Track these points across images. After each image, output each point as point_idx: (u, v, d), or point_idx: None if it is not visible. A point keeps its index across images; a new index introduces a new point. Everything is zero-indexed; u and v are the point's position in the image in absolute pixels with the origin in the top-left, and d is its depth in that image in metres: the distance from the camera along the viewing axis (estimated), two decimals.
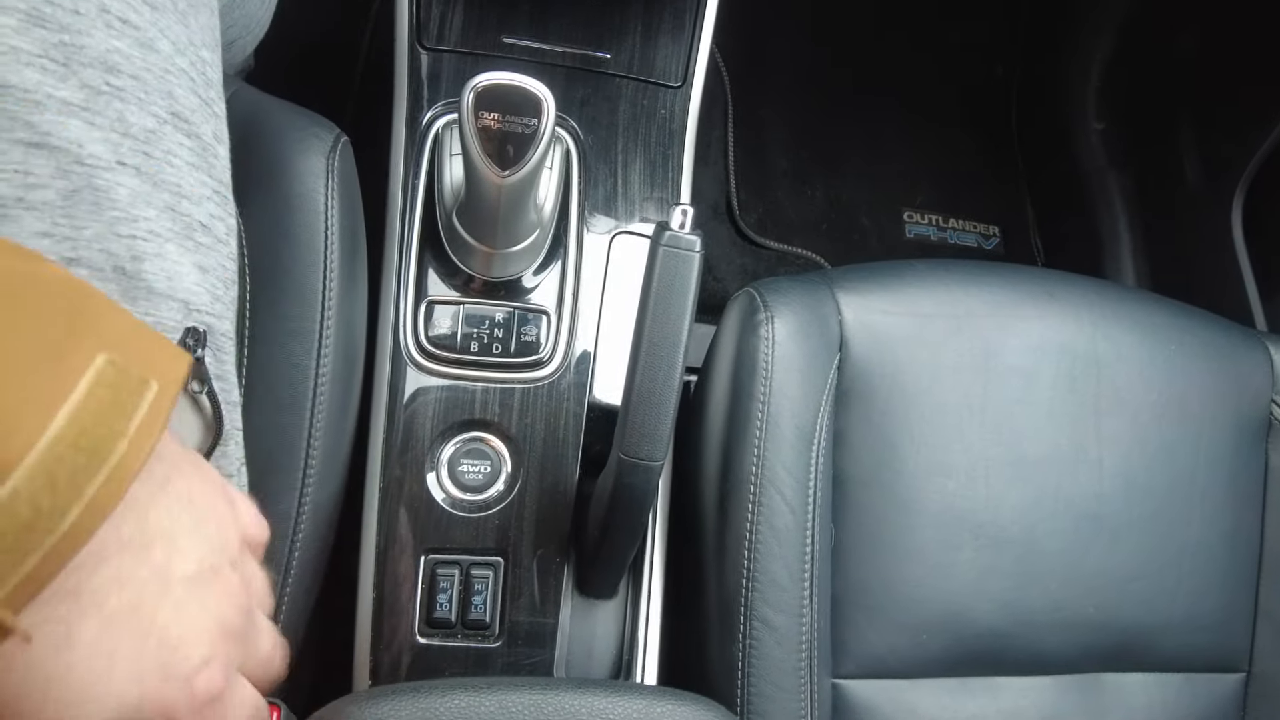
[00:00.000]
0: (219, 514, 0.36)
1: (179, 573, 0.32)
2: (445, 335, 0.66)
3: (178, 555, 0.32)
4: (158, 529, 0.32)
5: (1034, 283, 0.76)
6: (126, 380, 0.30)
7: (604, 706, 0.40)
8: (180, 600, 0.32)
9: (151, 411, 0.31)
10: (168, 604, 0.31)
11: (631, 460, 0.54)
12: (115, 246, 0.42)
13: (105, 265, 0.42)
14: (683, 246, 0.52)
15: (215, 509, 0.36)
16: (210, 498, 0.36)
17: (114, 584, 0.30)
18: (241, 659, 0.35)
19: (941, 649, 0.68)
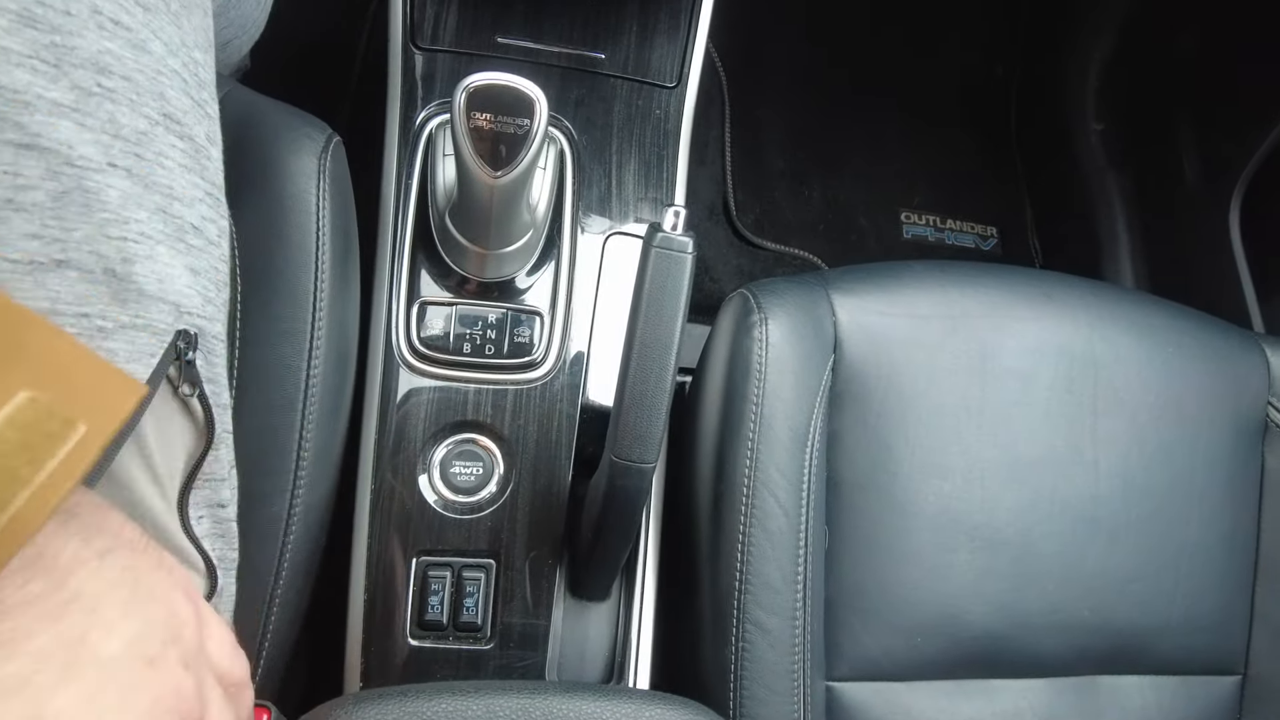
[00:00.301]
0: (174, 607, 0.31)
1: (99, 651, 0.26)
2: (438, 336, 0.66)
3: (100, 630, 0.26)
4: (79, 594, 0.27)
5: (1031, 284, 0.75)
6: (46, 421, 0.27)
7: (592, 711, 0.40)
8: (92, 687, 0.26)
9: (70, 458, 0.27)
10: (73, 688, 0.25)
11: (623, 462, 0.54)
12: (105, 249, 0.42)
13: (95, 267, 0.42)
14: (675, 248, 0.51)
15: (170, 600, 0.31)
16: (165, 587, 0.31)
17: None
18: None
19: (937, 651, 0.67)
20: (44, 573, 0.28)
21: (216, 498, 0.51)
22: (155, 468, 0.47)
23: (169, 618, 0.31)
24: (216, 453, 0.50)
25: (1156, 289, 1.22)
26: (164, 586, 0.31)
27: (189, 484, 0.49)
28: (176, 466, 0.48)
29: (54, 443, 0.27)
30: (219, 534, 0.52)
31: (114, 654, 0.27)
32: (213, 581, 0.51)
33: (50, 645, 0.26)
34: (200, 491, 0.50)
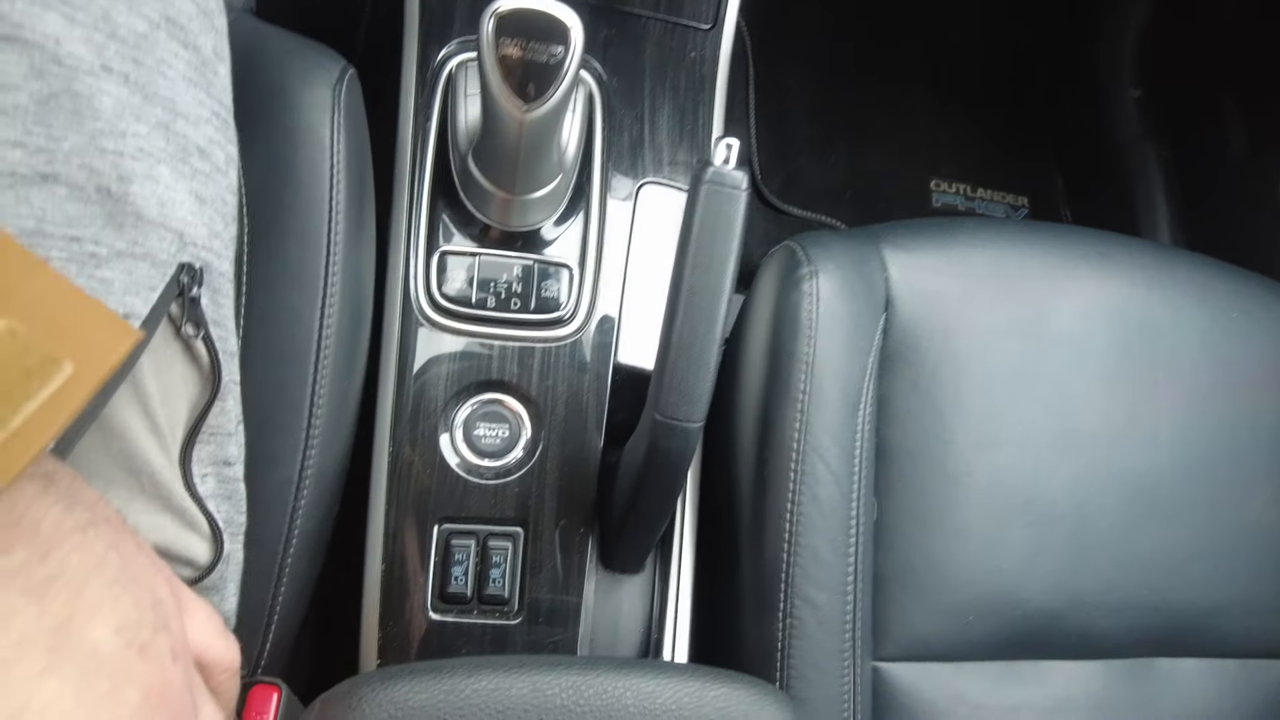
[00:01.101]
0: (159, 592, 0.27)
1: (86, 637, 0.23)
2: (459, 289, 0.61)
3: (86, 613, 0.23)
4: (62, 570, 0.24)
5: (1088, 244, 0.71)
6: (25, 356, 0.23)
7: (651, 690, 0.35)
8: (81, 677, 0.23)
9: (54, 402, 0.23)
10: (60, 678, 0.22)
11: (668, 421, 0.49)
12: (99, 163, 0.37)
13: (87, 184, 0.37)
14: (727, 184, 0.46)
15: (154, 584, 0.27)
16: (149, 571, 0.27)
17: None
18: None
19: (988, 631, 0.63)
20: (25, 541, 0.24)
21: (223, 454, 0.47)
22: (154, 417, 0.42)
23: (156, 604, 0.27)
24: (223, 404, 0.46)
25: None
26: (148, 570, 0.28)
27: (192, 437, 0.44)
28: (178, 418, 0.44)
29: (34, 381, 0.23)
30: (225, 495, 0.48)
31: (102, 641, 0.24)
32: (218, 547, 0.47)
33: (35, 628, 0.22)
34: (205, 447, 0.45)
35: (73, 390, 0.24)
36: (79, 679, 0.22)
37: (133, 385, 0.40)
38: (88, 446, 0.40)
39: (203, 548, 0.46)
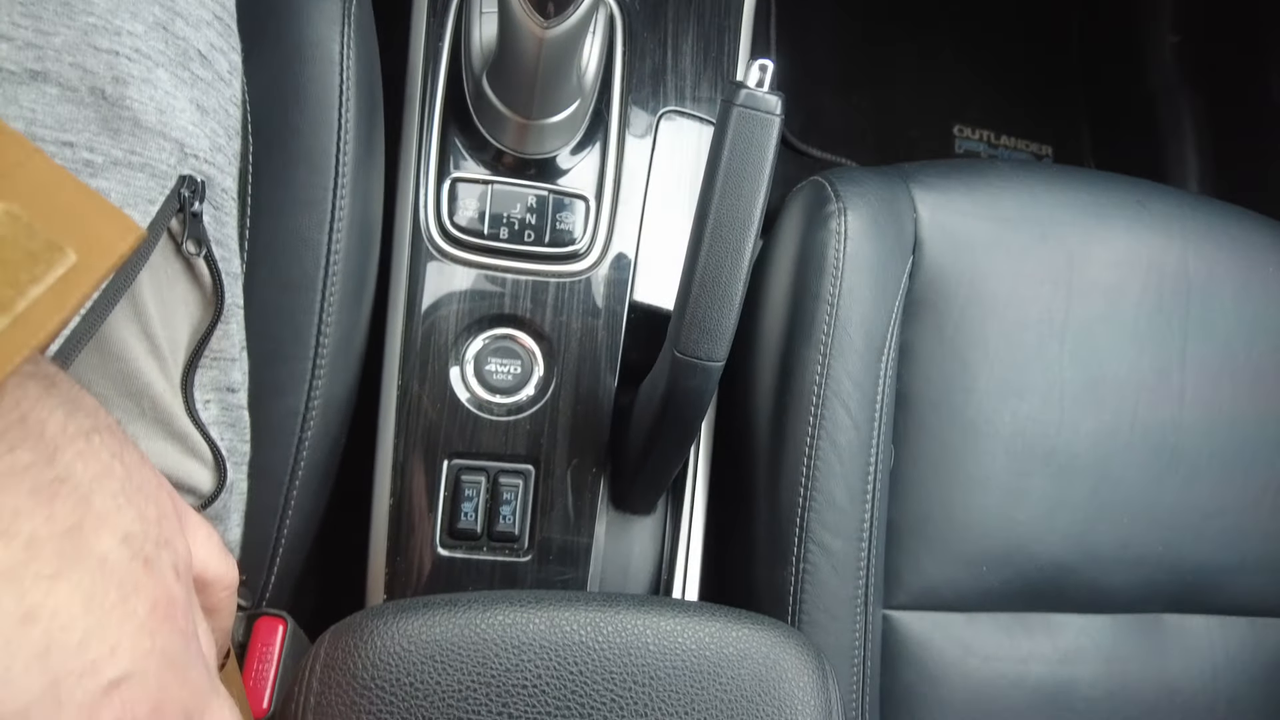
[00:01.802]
0: (164, 507, 0.27)
1: (94, 546, 0.22)
2: (471, 220, 0.58)
3: (94, 521, 0.23)
4: (69, 475, 0.23)
5: (1124, 191, 0.68)
6: (27, 240, 0.21)
7: (671, 629, 0.34)
8: (91, 585, 0.22)
9: (58, 289, 0.22)
10: (70, 584, 0.21)
11: (688, 360, 0.47)
12: (92, 62, 0.35)
13: (80, 85, 0.35)
14: (761, 108, 0.44)
15: (159, 499, 0.26)
16: (154, 484, 0.26)
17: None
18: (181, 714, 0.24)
19: (1001, 582, 0.63)
20: (31, 442, 0.22)
21: (226, 380, 0.45)
22: (155, 338, 0.40)
23: (160, 518, 0.26)
24: (226, 327, 0.44)
25: None
26: (152, 483, 0.27)
27: (194, 360, 0.42)
28: (180, 340, 0.42)
29: (39, 266, 0.22)
30: (228, 422, 0.46)
31: (110, 551, 0.23)
32: (221, 475, 0.45)
33: (44, 531, 0.21)
34: (207, 372, 0.44)
35: (77, 279, 0.22)
36: (89, 586, 0.22)
37: (131, 304, 0.38)
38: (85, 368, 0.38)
39: (205, 476, 0.45)
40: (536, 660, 0.33)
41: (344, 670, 0.32)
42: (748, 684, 0.34)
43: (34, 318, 0.21)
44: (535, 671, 0.32)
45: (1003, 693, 0.61)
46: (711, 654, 0.34)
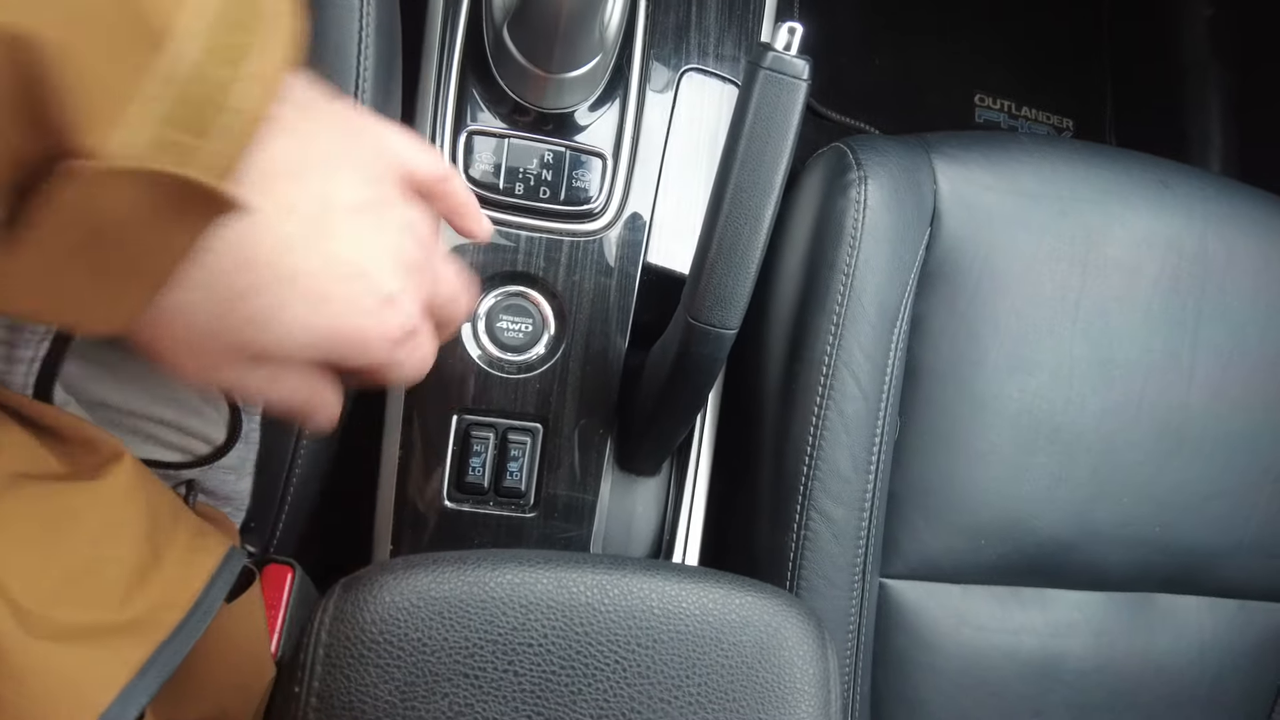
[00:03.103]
0: (377, 143, 0.32)
1: (344, 200, 0.29)
2: (486, 174, 0.58)
3: (338, 184, 0.29)
4: (315, 156, 0.29)
5: (1147, 170, 0.67)
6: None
7: (676, 593, 0.35)
8: (353, 226, 0.29)
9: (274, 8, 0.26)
10: (342, 224, 0.29)
11: (702, 326, 0.47)
12: None
13: None
14: (788, 72, 0.43)
15: (371, 138, 0.32)
16: (363, 125, 0.32)
17: (283, 210, 0.28)
18: (425, 297, 0.33)
19: (999, 556, 0.63)
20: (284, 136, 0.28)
21: None
22: None
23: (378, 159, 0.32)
24: None
25: None
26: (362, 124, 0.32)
27: None
28: None
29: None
30: None
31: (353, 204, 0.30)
32: (235, 423, 0.45)
33: (315, 204, 0.29)
34: None
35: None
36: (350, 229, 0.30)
37: None
38: None
39: (219, 422, 0.45)
40: (543, 619, 0.33)
41: (353, 624, 0.32)
42: (748, 650, 0.35)
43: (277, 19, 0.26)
44: (541, 630, 0.33)
45: (994, 663, 0.62)
46: (714, 619, 0.35)
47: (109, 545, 0.32)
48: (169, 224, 0.25)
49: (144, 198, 0.24)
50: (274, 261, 0.28)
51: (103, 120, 0.22)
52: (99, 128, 0.22)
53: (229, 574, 0.37)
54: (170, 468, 0.45)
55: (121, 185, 0.23)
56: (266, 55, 0.25)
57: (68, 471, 0.33)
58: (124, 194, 0.23)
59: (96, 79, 0.22)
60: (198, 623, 0.33)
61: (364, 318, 0.30)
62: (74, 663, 0.29)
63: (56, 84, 0.21)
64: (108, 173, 0.23)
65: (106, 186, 0.23)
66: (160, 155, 0.23)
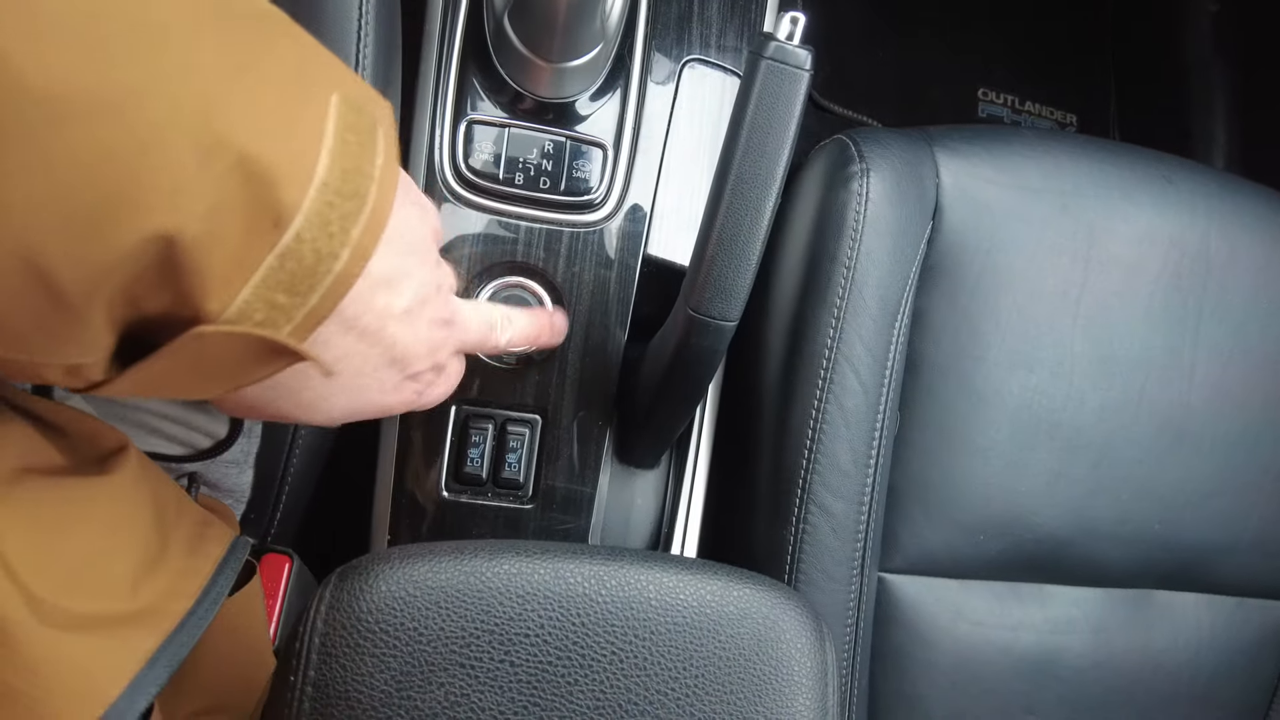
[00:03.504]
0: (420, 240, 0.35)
1: (398, 308, 0.33)
2: (486, 163, 0.57)
3: (399, 296, 0.33)
4: (385, 271, 0.32)
5: (1151, 166, 0.67)
6: (362, 120, 0.28)
7: (674, 584, 0.35)
8: (400, 329, 0.34)
9: (388, 152, 0.29)
10: (392, 329, 0.33)
11: (702, 318, 0.47)
12: None
13: None
14: (790, 62, 0.42)
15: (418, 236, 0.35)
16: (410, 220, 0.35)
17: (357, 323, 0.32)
18: (451, 348, 0.39)
19: (998, 551, 0.63)
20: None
21: None
22: None
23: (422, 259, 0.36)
24: None
25: None
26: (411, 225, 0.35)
27: None
28: None
29: (374, 138, 0.29)
30: None
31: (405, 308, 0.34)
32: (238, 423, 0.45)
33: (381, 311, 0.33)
34: None
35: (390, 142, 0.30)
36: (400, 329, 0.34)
37: None
38: None
39: (222, 417, 0.45)
40: (540, 610, 0.33)
41: (349, 613, 0.32)
42: (746, 643, 0.35)
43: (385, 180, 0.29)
44: (538, 621, 0.33)
45: (991, 658, 0.62)
46: (712, 612, 0.35)
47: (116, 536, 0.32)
48: (257, 364, 0.29)
49: (242, 348, 0.28)
50: (328, 370, 0.32)
51: (225, 289, 0.26)
52: (221, 295, 0.26)
53: (235, 562, 0.37)
54: (173, 461, 0.45)
55: (230, 340, 0.27)
56: (372, 218, 0.29)
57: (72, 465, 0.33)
58: (229, 345, 0.27)
59: (224, 259, 0.25)
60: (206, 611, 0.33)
61: (392, 396, 0.36)
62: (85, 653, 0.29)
63: (191, 265, 0.25)
64: (221, 335, 0.26)
65: (217, 341, 0.27)
66: (266, 314, 0.27)
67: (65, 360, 0.26)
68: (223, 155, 0.24)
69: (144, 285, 0.25)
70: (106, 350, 0.27)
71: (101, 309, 0.25)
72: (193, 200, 0.24)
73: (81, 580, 0.30)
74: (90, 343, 0.26)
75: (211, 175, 0.24)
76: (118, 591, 0.31)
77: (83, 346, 0.26)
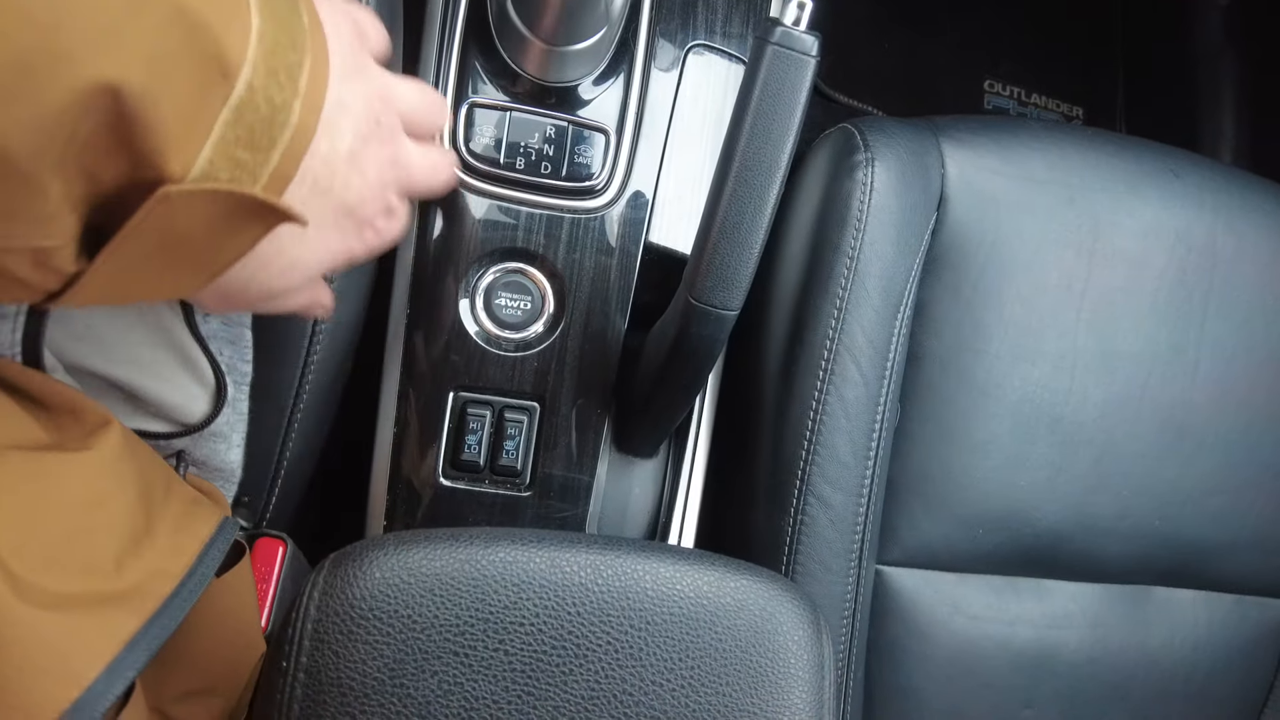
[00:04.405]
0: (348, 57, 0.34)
1: (343, 151, 0.33)
2: (488, 146, 0.57)
3: (340, 138, 0.33)
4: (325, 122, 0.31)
5: (1158, 160, 0.66)
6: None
7: (670, 575, 0.34)
8: (350, 174, 0.34)
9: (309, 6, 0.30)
10: (342, 176, 0.33)
11: (703, 307, 0.46)
12: None
13: None
14: (796, 48, 0.42)
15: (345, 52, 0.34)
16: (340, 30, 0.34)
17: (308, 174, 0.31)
18: (399, 189, 0.39)
19: (996, 546, 0.63)
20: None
21: None
22: None
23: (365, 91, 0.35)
24: None
25: None
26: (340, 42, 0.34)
27: None
28: None
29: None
30: (229, 339, 0.46)
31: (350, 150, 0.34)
32: (221, 395, 0.45)
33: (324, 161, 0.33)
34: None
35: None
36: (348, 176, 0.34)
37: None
38: None
39: (205, 394, 0.45)
40: (535, 599, 0.33)
41: (342, 598, 0.32)
42: (743, 634, 0.34)
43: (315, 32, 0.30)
44: (534, 610, 0.33)
45: (988, 652, 0.62)
46: (709, 602, 0.35)
47: (98, 513, 0.32)
48: (234, 232, 0.29)
49: (215, 211, 0.27)
50: (294, 231, 0.32)
51: (184, 147, 0.26)
52: (181, 154, 0.26)
53: (223, 542, 0.37)
54: (160, 438, 0.44)
55: (198, 203, 0.27)
56: (315, 68, 0.29)
57: (54, 441, 0.32)
58: (199, 210, 0.27)
59: (177, 113, 0.25)
60: (190, 593, 0.33)
61: (354, 242, 0.37)
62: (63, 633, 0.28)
63: (143, 120, 0.25)
64: (189, 195, 0.26)
65: (186, 205, 0.27)
66: (231, 173, 0.27)
67: (28, 242, 0.25)
68: (155, 6, 0.24)
69: (98, 150, 0.25)
70: (72, 233, 0.26)
71: (56, 178, 0.25)
72: (129, 48, 0.24)
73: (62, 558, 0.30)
74: (50, 218, 0.25)
75: (147, 24, 0.24)
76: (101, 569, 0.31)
77: (43, 223, 0.25)
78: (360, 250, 0.38)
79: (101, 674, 0.29)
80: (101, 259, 0.27)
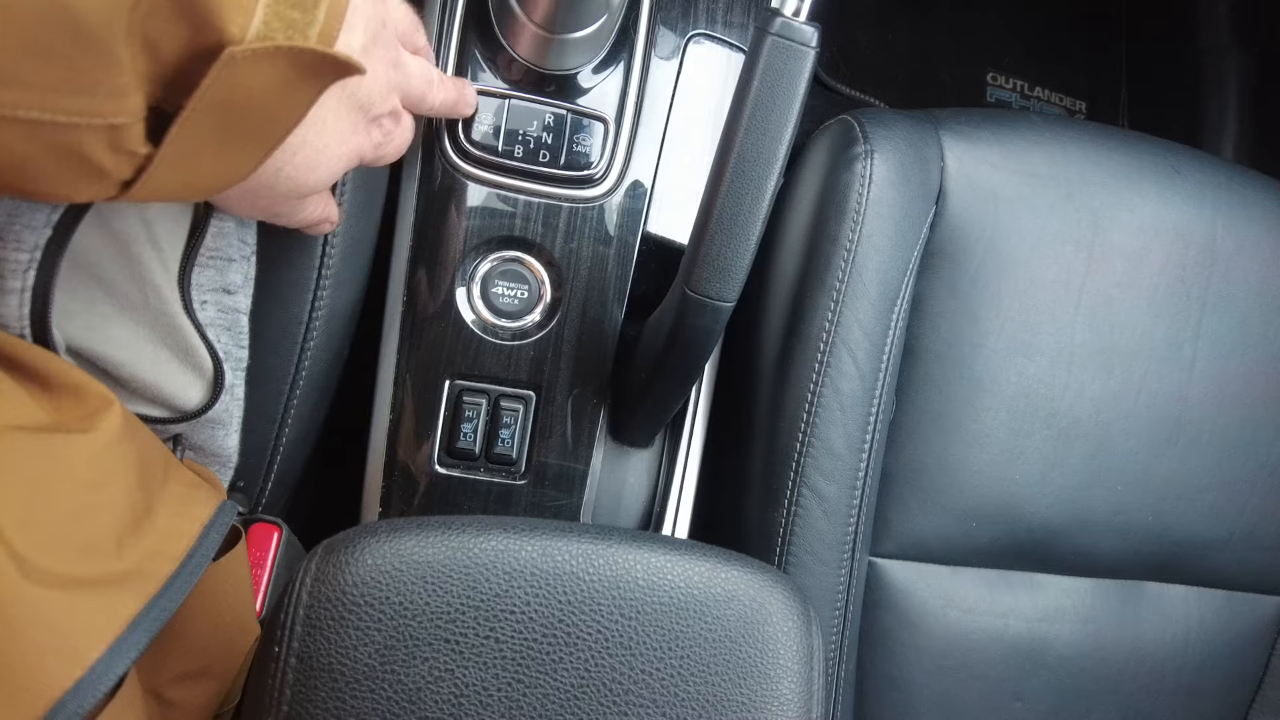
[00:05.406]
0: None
1: (356, 46, 0.35)
2: (486, 133, 0.57)
3: (354, 34, 0.35)
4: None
5: (1159, 155, 0.66)
6: None
7: (662, 565, 0.34)
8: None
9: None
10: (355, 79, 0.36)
11: (699, 298, 0.46)
12: None
13: None
14: (796, 39, 0.42)
15: None
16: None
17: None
18: (402, 94, 0.42)
19: (990, 539, 0.63)
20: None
21: (223, 281, 0.44)
22: (152, 226, 0.39)
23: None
24: (222, 224, 0.43)
25: None
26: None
27: (190, 257, 0.41)
28: (179, 233, 0.41)
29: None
30: (225, 326, 0.46)
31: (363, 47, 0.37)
32: (218, 383, 0.45)
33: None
34: (204, 271, 0.43)
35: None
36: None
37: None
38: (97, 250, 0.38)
39: (201, 381, 0.45)
40: (527, 587, 0.33)
41: (334, 585, 0.32)
42: (733, 625, 0.35)
43: None
44: (525, 599, 0.33)
45: (980, 645, 0.62)
46: (699, 593, 0.35)
47: (100, 494, 0.32)
48: (293, 92, 0.31)
49: (275, 71, 0.29)
50: (316, 121, 0.35)
51: (240, 8, 0.28)
52: (238, 15, 0.28)
53: (222, 525, 0.37)
54: (156, 423, 0.44)
55: (260, 63, 0.29)
56: None
57: (55, 422, 0.32)
58: (261, 71, 0.29)
59: None
60: (190, 575, 0.33)
61: (363, 139, 0.40)
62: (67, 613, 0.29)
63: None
64: (253, 54, 0.28)
65: (249, 66, 0.28)
66: (285, 32, 0.29)
67: (104, 115, 0.27)
68: None
69: (160, 17, 0.27)
70: (139, 111, 0.28)
71: (125, 47, 0.26)
72: None
73: (65, 539, 0.30)
74: (122, 92, 0.27)
75: None
76: (103, 550, 0.31)
77: (116, 98, 0.27)
78: (369, 151, 0.41)
79: (103, 655, 0.29)
80: (172, 134, 0.28)
